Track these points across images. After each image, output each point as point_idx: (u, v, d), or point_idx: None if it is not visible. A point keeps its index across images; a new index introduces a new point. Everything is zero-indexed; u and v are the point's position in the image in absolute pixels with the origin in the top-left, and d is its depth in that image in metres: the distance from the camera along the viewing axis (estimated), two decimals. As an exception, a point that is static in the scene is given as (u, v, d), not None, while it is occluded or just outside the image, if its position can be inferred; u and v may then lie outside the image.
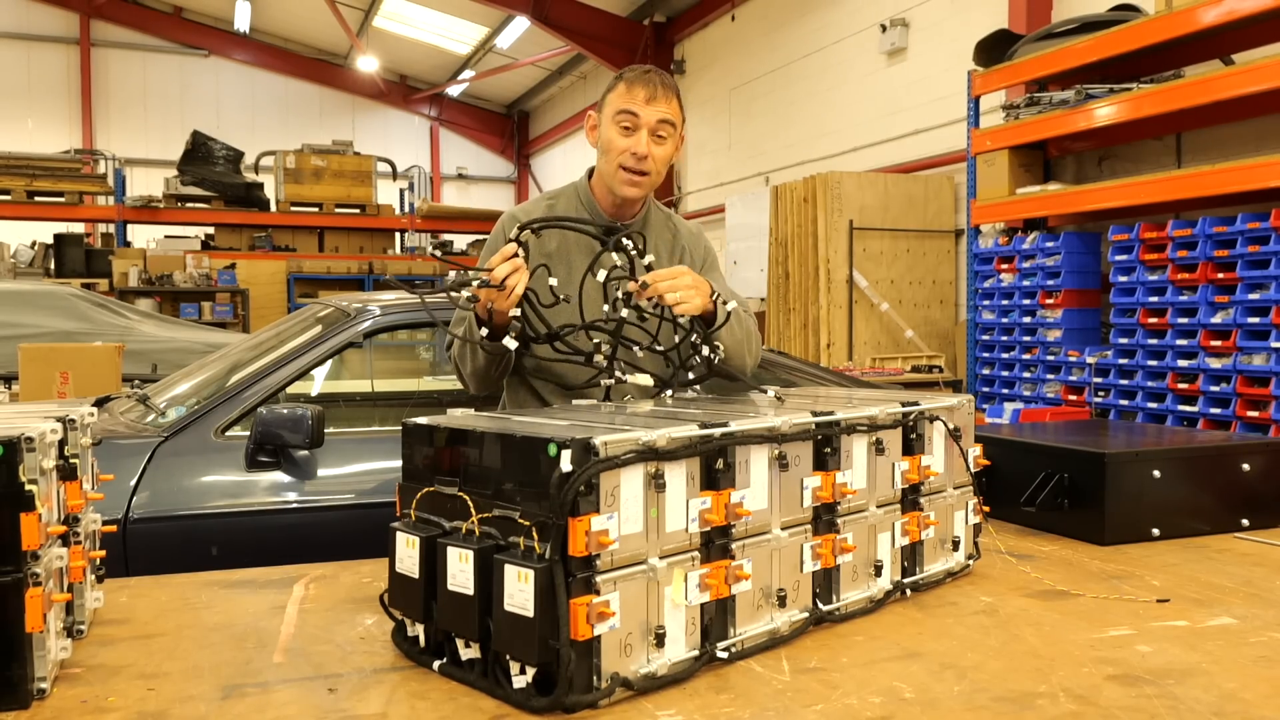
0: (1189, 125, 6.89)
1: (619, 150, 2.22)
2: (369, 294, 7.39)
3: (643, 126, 2.21)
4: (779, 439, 1.59)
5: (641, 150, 2.21)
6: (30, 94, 19.33)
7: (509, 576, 1.33)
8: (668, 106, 2.22)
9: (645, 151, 2.21)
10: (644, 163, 2.22)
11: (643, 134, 2.21)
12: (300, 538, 2.92)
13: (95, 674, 1.47)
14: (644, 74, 2.24)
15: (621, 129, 2.22)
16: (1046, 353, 7.41)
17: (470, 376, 2.26)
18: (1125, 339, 6.67)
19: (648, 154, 2.21)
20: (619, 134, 2.22)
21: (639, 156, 2.21)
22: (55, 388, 5.35)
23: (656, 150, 2.23)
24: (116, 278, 12.14)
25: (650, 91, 2.20)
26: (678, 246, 2.42)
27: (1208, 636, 1.64)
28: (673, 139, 2.26)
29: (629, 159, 2.22)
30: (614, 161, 2.24)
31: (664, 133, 2.23)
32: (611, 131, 2.24)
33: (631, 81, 2.23)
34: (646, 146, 2.21)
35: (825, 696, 1.38)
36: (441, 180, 22.64)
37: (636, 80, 2.22)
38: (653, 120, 2.20)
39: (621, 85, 2.24)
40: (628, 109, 2.21)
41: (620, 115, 2.22)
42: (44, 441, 1.40)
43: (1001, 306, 7.83)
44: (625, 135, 2.22)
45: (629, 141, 2.21)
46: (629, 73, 2.26)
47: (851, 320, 9.06)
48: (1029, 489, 2.37)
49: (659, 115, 2.21)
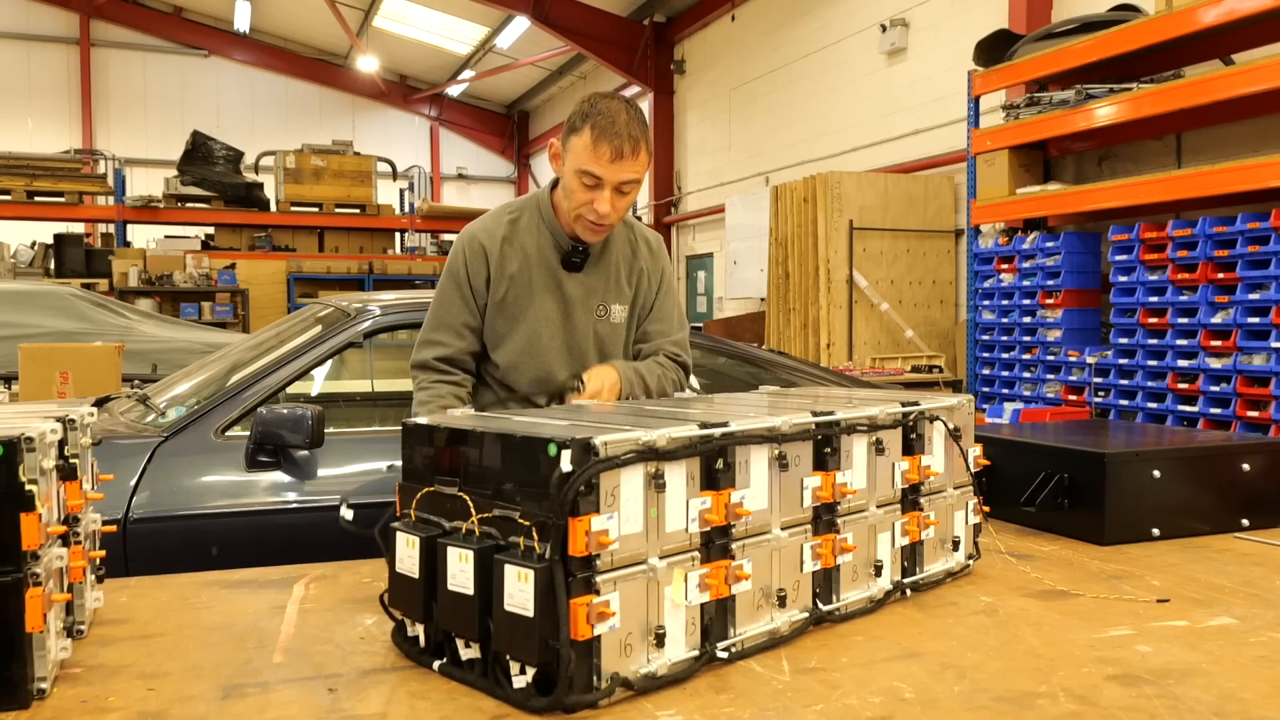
0: (1189, 125, 6.89)
1: (580, 203, 2.18)
2: (369, 294, 7.38)
3: (606, 186, 2.15)
4: (779, 439, 1.59)
5: (604, 209, 2.16)
6: (30, 94, 19.33)
7: (509, 576, 1.33)
8: (634, 164, 2.14)
9: (608, 209, 2.16)
10: (605, 218, 2.18)
11: (605, 192, 2.15)
12: (300, 538, 2.92)
13: (95, 674, 1.47)
14: (611, 128, 2.11)
15: (583, 184, 2.16)
16: (1046, 353, 7.41)
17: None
18: (1125, 339, 6.67)
19: (610, 210, 2.17)
20: (580, 188, 2.17)
21: (601, 214, 2.17)
22: (55, 388, 5.34)
23: (619, 203, 2.19)
24: (116, 278, 12.13)
25: (615, 151, 2.11)
26: (635, 268, 2.40)
27: (1208, 636, 1.64)
28: (636, 188, 2.20)
29: (591, 213, 2.18)
30: (574, 209, 2.20)
31: (627, 189, 2.17)
32: (574, 181, 2.18)
33: (599, 137, 2.11)
34: (609, 204, 2.16)
35: (825, 696, 1.38)
36: (441, 180, 22.64)
37: (603, 138, 2.10)
38: (616, 180, 2.14)
39: (588, 135, 2.12)
40: (591, 170, 2.13)
41: (583, 174, 2.15)
42: (44, 441, 1.40)
43: (1001, 306, 7.83)
44: (587, 190, 2.16)
45: (590, 196, 2.16)
46: (598, 119, 2.12)
47: (851, 320, 9.05)
48: (1029, 489, 2.37)
49: (623, 176, 2.14)
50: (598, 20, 15.11)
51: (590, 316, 2.33)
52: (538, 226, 2.31)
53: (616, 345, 2.37)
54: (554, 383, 2.31)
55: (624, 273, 2.38)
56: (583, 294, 2.32)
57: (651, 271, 2.42)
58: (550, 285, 2.30)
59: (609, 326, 2.35)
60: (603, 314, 2.34)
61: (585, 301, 2.32)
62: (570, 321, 2.31)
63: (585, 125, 2.13)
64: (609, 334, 2.35)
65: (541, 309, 2.29)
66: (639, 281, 2.40)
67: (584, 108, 2.17)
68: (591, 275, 2.33)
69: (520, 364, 2.31)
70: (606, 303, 2.35)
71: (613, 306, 2.36)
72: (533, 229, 2.31)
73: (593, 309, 2.33)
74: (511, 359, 2.31)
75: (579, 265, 2.31)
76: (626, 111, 2.15)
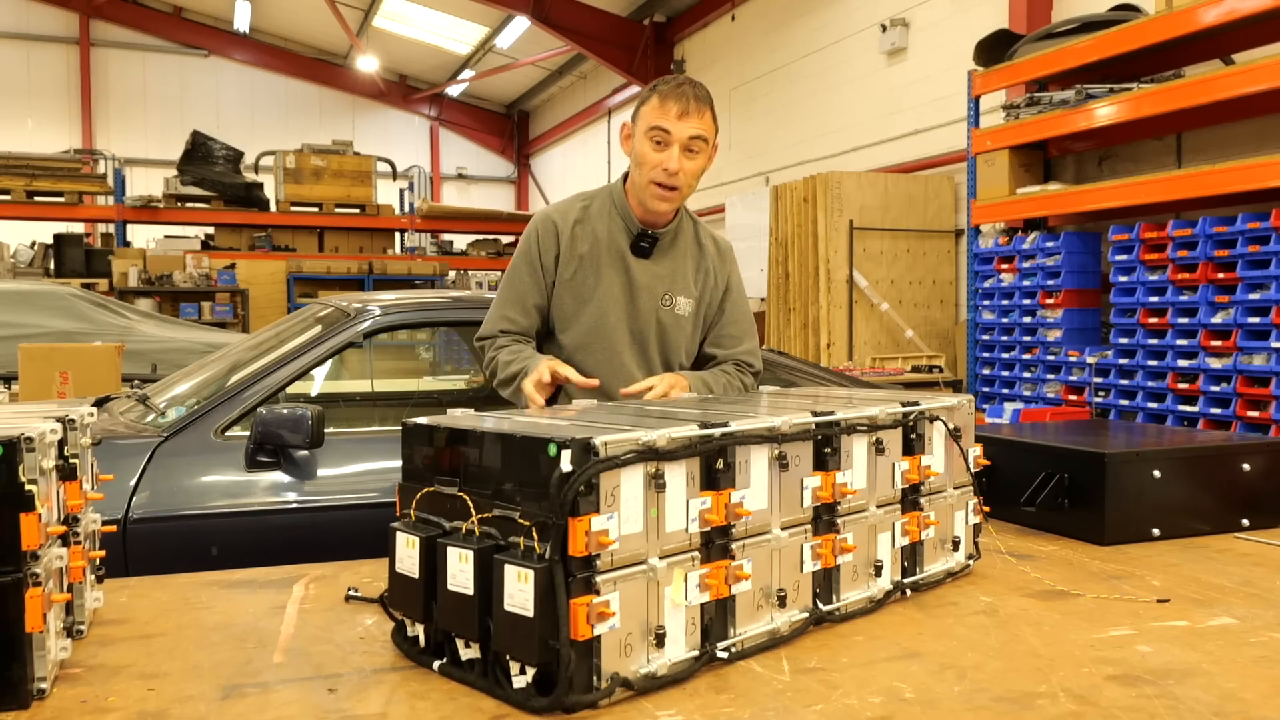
0: (1189, 125, 6.89)
1: (651, 165, 2.25)
2: (369, 294, 7.39)
3: (675, 142, 2.23)
4: (779, 439, 1.59)
5: (673, 166, 2.23)
6: (30, 94, 19.33)
7: (509, 576, 1.33)
8: (700, 121, 2.23)
9: (677, 167, 2.23)
10: (675, 178, 2.24)
11: (674, 150, 2.23)
12: (300, 538, 2.92)
13: (95, 674, 1.47)
14: (677, 87, 2.24)
15: (654, 144, 2.24)
16: (1046, 353, 7.41)
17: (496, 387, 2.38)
18: (1125, 339, 6.67)
19: (679, 169, 2.23)
20: (651, 148, 2.25)
21: (670, 172, 2.23)
22: (55, 388, 5.34)
23: (688, 164, 2.25)
24: (116, 278, 12.13)
25: (683, 106, 2.22)
26: (702, 267, 2.43)
27: (1208, 636, 1.64)
28: (705, 153, 2.28)
29: (660, 174, 2.24)
30: (646, 175, 2.27)
31: (695, 147, 2.25)
32: (644, 146, 2.26)
33: (665, 95, 2.23)
34: (678, 162, 2.23)
35: (825, 696, 1.38)
36: (441, 180, 22.64)
37: (670, 94, 2.23)
38: (684, 136, 2.22)
39: (655, 99, 2.24)
40: (660, 125, 2.23)
41: (653, 130, 2.23)
42: (44, 441, 1.40)
43: (1001, 306, 7.83)
44: (658, 150, 2.24)
45: (661, 156, 2.24)
46: (663, 85, 2.26)
47: (851, 320, 9.05)
48: (1029, 489, 2.37)
49: (691, 131, 2.23)
50: (598, 20, 15.11)
51: (655, 303, 2.36)
52: (609, 212, 2.37)
53: (680, 337, 2.39)
54: (619, 365, 2.33)
55: (691, 267, 2.41)
56: (649, 280, 2.36)
57: (719, 273, 2.46)
58: (619, 268, 2.34)
59: (673, 317, 2.38)
60: (668, 303, 2.37)
61: (651, 288, 2.35)
62: (635, 306, 2.34)
63: (653, 93, 2.26)
64: (672, 324, 2.37)
65: (609, 290, 2.34)
66: (705, 280, 2.43)
67: (651, 85, 2.30)
68: (659, 264, 2.37)
69: (588, 344, 2.34)
70: (673, 293, 2.38)
71: (678, 298, 2.38)
72: (604, 214, 2.37)
73: (658, 296, 2.36)
74: (579, 339, 2.35)
75: (647, 251, 2.36)
76: (692, 81, 2.28)
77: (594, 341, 2.34)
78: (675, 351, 2.39)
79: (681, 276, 2.39)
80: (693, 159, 2.25)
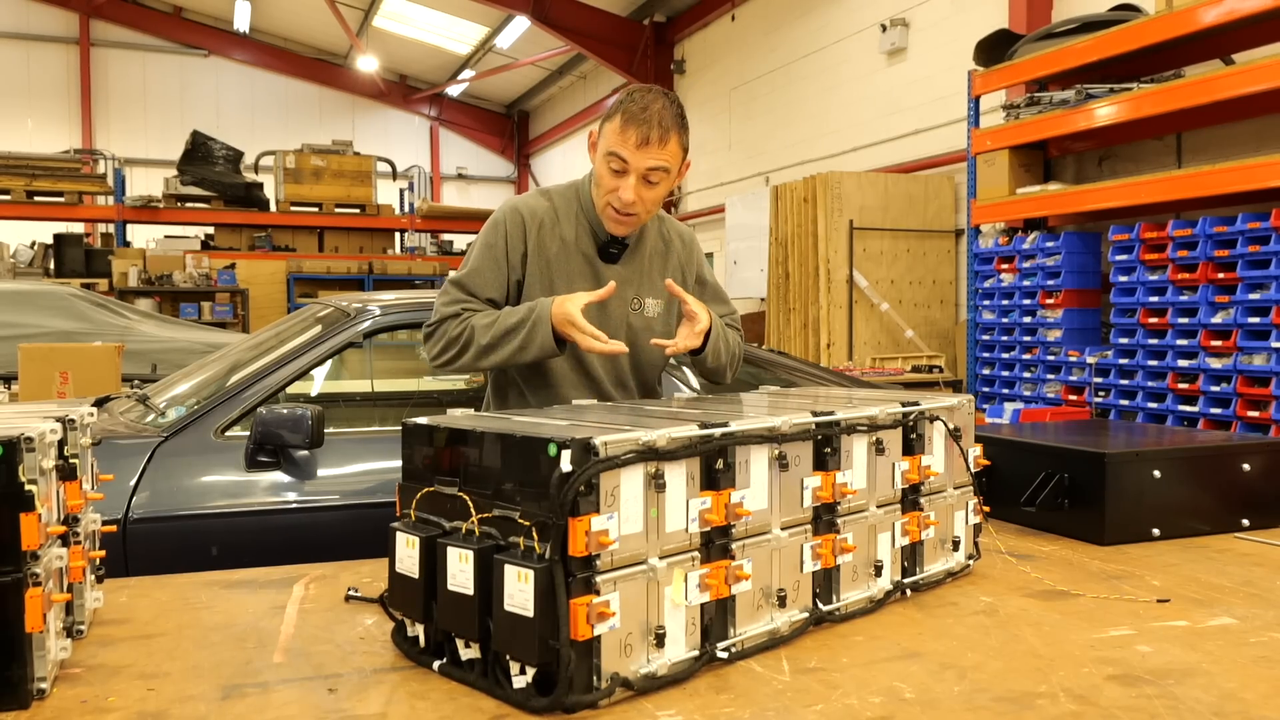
0: (1189, 125, 6.89)
1: (607, 189, 2.16)
2: (369, 294, 7.38)
3: (632, 172, 2.12)
4: (779, 439, 1.59)
5: (628, 197, 2.13)
6: (30, 94, 19.32)
7: (509, 576, 1.33)
8: (661, 152, 2.11)
9: (632, 198, 2.13)
10: (630, 206, 2.15)
11: (630, 179, 2.12)
12: (300, 538, 2.92)
13: (95, 674, 1.47)
14: (642, 111, 2.09)
15: (611, 170, 2.14)
16: (1046, 353, 7.41)
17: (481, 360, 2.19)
18: (1125, 339, 6.67)
19: (634, 199, 2.13)
20: (608, 173, 2.14)
21: (625, 202, 2.14)
22: (55, 388, 5.34)
23: (646, 194, 2.15)
24: (116, 278, 12.13)
25: (643, 135, 2.08)
26: (670, 263, 2.38)
27: (1208, 636, 1.64)
28: (666, 180, 2.16)
29: (615, 200, 2.15)
30: (602, 198, 2.19)
31: (655, 178, 2.14)
32: (602, 167, 2.16)
33: (628, 120, 2.10)
34: (634, 192, 2.12)
35: (825, 696, 1.38)
36: (441, 180, 22.63)
37: (632, 121, 2.09)
38: (642, 167, 2.11)
39: (618, 119, 2.12)
40: (617, 152, 2.11)
41: (610, 156, 2.12)
42: (44, 441, 1.40)
43: (1001, 306, 7.83)
44: (614, 177, 2.14)
45: (617, 183, 2.14)
46: (629, 104, 2.12)
47: (851, 320, 9.05)
48: (1029, 489, 2.37)
49: (650, 163, 2.11)
50: (598, 20, 15.11)
51: (625, 308, 2.30)
52: (577, 214, 2.29)
53: (649, 338, 2.32)
54: (588, 370, 2.28)
55: (657, 267, 2.36)
56: (618, 284, 2.28)
57: (687, 268, 2.41)
58: (587, 274, 2.27)
59: (642, 320, 2.32)
60: (637, 307, 2.32)
61: (620, 293, 2.29)
62: (604, 311, 2.26)
63: (618, 111, 2.13)
64: (643, 327, 2.32)
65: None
66: (674, 276, 2.36)
67: (622, 97, 2.16)
68: (627, 267, 2.31)
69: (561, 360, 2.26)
70: (641, 295, 2.33)
71: (646, 300, 2.33)
72: (571, 216, 2.28)
73: (627, 300, 2.31)
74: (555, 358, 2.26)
75: (616, 257, 2.29)
76: (662, 101, 2.13)
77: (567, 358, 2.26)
78: (649, 354, 2.33)
79: (649, 278, 2.34)
80: (652, 189, 2.15)
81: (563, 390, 2.27)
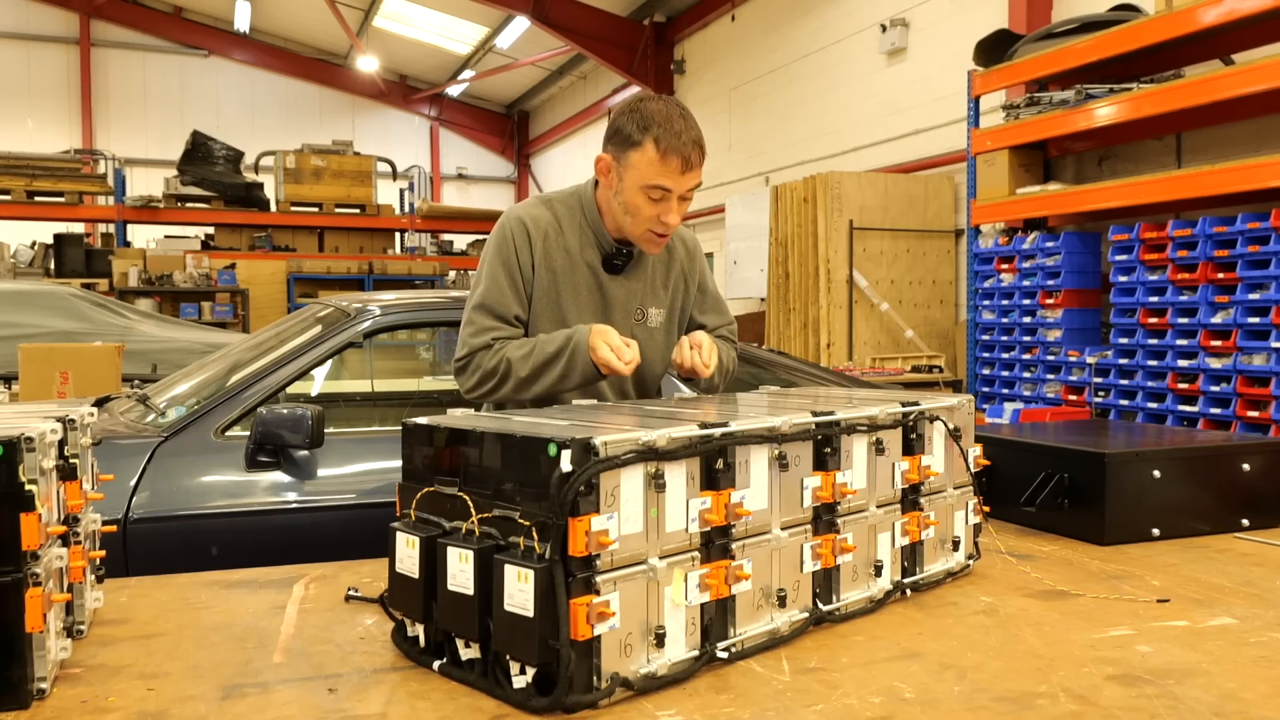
0: (1189, 125, 6.89)
1: (647, 217, 2.13)
2: (369, 294, 7.38)
3: (673, 197, 2.11)
4: (779, 439, 1.59)
5: (673, 221, 2.13)
6: (30, 94, 19.32)
7: (509, 576, 1.33)
8: (699, 170, 2.12)
9: (676, 220, 2.14)
10: (671, 227, 2.15)
11: (673, 202, 2.12)
12: (300, 538, 2.92)
13: (95, 674, 1.47)
14: (677, 139, 2.06)
15: (650, 199, 2.11)
16: (1046, 353, 7.41)
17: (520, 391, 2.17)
18: (1125, 339, 6.67)
19: (677, 221, 2.15)
20: (647, 203, 2.11)
21: (669, 225, 2.14)
22: (55, 388, 5.34)
23: (684, 209, 2.17)
24: (116, 278, 12.13)
25: (685, 163, 2.07)
26: (673, 271, 2.37)
27: (1208, 636, 1.64)
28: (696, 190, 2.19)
29: (659, 226, 2.14)
30: (641, 226, 2.15)
31: (690, 195, 2.15)
32: (638, 198, 2.11)
33: (667, 151, 2.05)
34: (677, 214, 2.13)
35: (825, 696, 1.38)
36: (441, 180, 22.63)
37: (672, 150, 2.05)
38: (684, 189, 2.12)
39: (652, 150, 2.06)
40: (661, 184, 2.08)
41: (651, 189, 2.09)
42: (44, 441, 1.40)
43: (1001, 306, 7.83)
44: (654, 204, 2.11)
45: (658, 209, 2.11)
46: (660, 133, 2.06)
47: (851, 320, 9.05)
48: (1029, 489, 2.37)
49: (691, 184, 2.12)
50: (598, 20, 15.10)
51: (629, 320, 2.29)
52: (580, 225, 2.25)
53: (653, 349, 2.32)
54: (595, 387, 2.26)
55: (660, 276, 2.34)
56: (622, 296, 2.28)
57: (689, 273, 2.40)
58: (592, 285, 2.25)
59: (645, 331, 2.31)
60: (640, 318, 2.31)
61: (624, 304, 2.28)
62: (609, 323, 2.24)
63: (646, 138, 2.07)
64: (645, 338, 2.30)
65: (585, 309, 2.25)
66: (677, 284, 2.37)
67: (636, 119, 2.09)
68: (631, 278, 2.29)
69: None
70: (644, 306, 2.32)
71: (650, 310, 2.32)
72: (575, 227, 2.25)
73: (631, 312, 2.29)
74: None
75: (620, 268, 2.27)
76: (682, 116, 2.11)
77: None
78: (651, 364, 2.32)
79: (652, 288, 2.33)
80: (687, 203, 2.17)
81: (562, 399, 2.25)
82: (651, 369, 2.35)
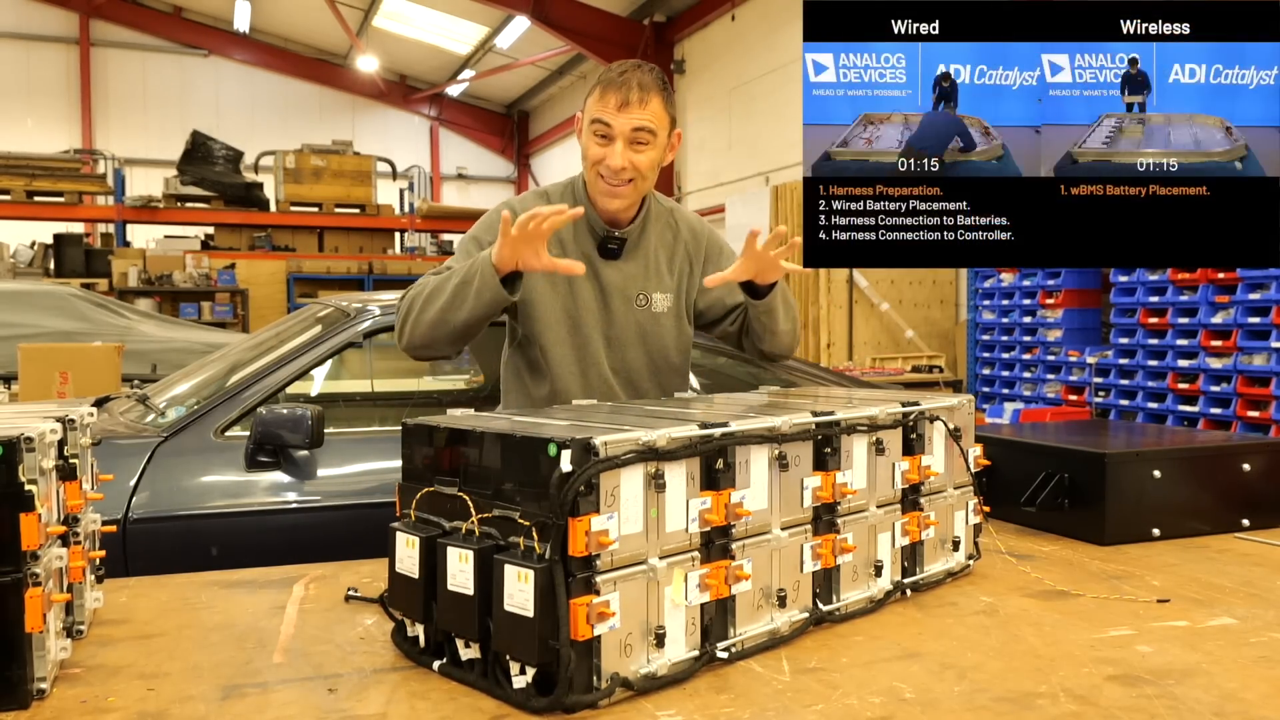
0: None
1: (594, 159, 2.12)
2: (369, 294, 7.38)
3: (617, 136, 2.08)
4: (779, 439, 1.59)
5: (616, 163, 2.08)
6: (30, 94, 19.33)
7: (509, 576, 1.33)
8: (643, 111, 2.07)
9: (620, 164, 2.08)
10: (621, 173, 2.10)
11: (618, 145, 2.08)
12: (300, 538, 2.92)
13: (95, 674, 1.47)
14: (620, 75, 2.08)
15: (597, 138, 2.10)
16: (1047, 353, 7.41)
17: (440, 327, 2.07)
18: (1125, 339, 6.67)
19: (624, 165, 2.09)
20: (595, 143, 2.11)
21: (613, 169, 2.09)
22: (55, 388, 5.34)
23: (637, 158, 2.10)
24: (116, 278, 12.13)
25: (622, 97, 2.06)
26: (677, 254, 2.30)
27: (1208, 636, 1.64)
28: (656, 144, 2.12)
29: (604, 169, 2.11)
30: (591, 171, 2.14)
31: (643, 139, 2.09)
32: (588, 140, 2.12)
33: (606, 86, 2.08)
34: (622, 158, 2.08)
35: (825, 696, 1.38)
36: (441, 180, 22.64)
37: (611, 85, 2.08)
38: (627, 129, 2.07)
39: (597, 90, 2.11)
40: (600, 118, 2.09)
41: (595, 124, 2.10)
42: (44, 441, 1.40)
43: (1001, 306, 7.83)
44: (601, 145, 2.10)
45: (604, 151, 2.10)
46: (606, 73, 2.11)
47: (851, 320, 9.06)
48: (1029, 489, 2.37)
49: (634, 123, 2.07)
50: (598, 20, 15.11)
51: (630, 306, 2.23)
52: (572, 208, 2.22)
53: (662, 335, 2.26)
54: (598, 374, 2.21)
55: (664, 259, 2.28)
56: (621, 282, 2.22)
57: (695, 254, 2.32)
58: (588, 273, 2.18)
59: (650, 316, 2.24)
60: (643, 303, 2.24)
61: (624, 290, 2.22)
62: (609, 311, 2.21)
63: (596, 84, 2.13)
64: (651, 324, 2.24)
65: (581, 298, 2.20)
66: (682, 268, 2.30)
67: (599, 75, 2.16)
68: (630, 263, 2.24)
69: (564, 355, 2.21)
70: (647, 291, 2.25)
71: (654, 295, 2.25)
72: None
73: (633, 298, 2.23)
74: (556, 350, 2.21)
75: (616, 252, 2.22)
76: (638, 68, 2.13)
77: (571, 351, 2.21)
78: (663, 351, 2.26)
79: (655, 272, 2.26)
80: (641, 151, 2.09)
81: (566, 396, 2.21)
82: (665, 357, 2.28)
